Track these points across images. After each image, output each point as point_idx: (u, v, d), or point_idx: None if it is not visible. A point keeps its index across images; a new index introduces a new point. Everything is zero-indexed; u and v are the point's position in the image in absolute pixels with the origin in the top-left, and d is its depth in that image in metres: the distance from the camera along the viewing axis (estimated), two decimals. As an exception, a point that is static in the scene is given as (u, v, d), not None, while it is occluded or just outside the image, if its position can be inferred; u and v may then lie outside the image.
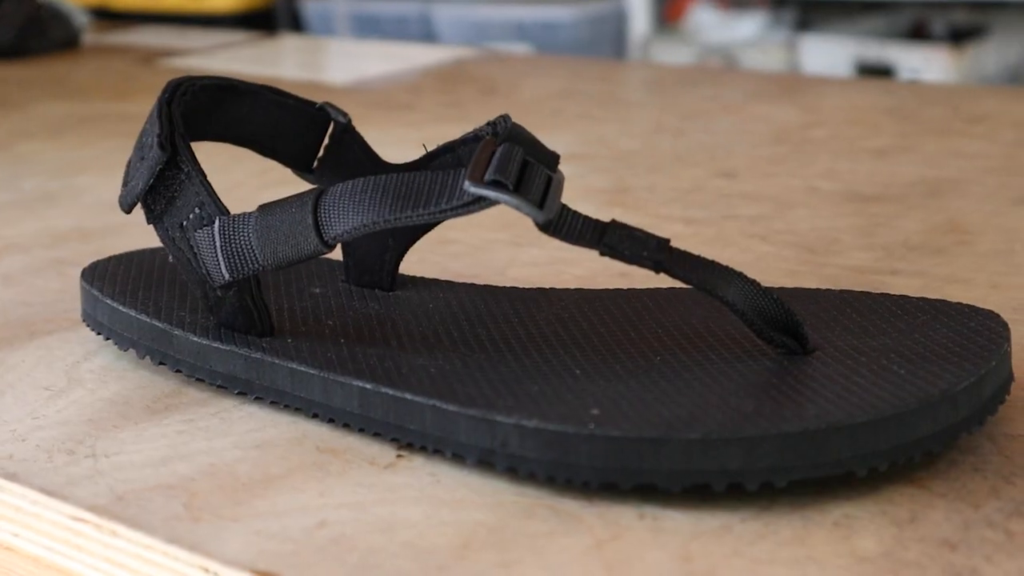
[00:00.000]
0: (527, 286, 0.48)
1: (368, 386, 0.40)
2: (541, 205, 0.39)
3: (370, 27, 2.80)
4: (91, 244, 0.62)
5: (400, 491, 0.37)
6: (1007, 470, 0.36)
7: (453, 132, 0.83)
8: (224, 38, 1.30)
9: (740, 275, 0.40)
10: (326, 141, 0.50)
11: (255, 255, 0.42)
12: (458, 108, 0.89)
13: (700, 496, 0.35)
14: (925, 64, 2.27)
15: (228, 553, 0.34)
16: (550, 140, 0.46)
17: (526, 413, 0.37)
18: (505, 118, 0.42)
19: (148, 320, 0.45)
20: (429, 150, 0.47)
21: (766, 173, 0.69)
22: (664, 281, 0.51)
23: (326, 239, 0.41)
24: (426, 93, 0.93)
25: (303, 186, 0.50)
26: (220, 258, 0.43)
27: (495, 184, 0.38)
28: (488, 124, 0.43)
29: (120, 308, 0.46)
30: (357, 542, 0.35)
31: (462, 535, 0.35)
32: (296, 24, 2.98)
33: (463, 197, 0.39)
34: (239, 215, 0.43)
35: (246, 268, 0.42)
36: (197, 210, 0.43)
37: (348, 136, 0.50)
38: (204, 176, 0.44)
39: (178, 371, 0.45)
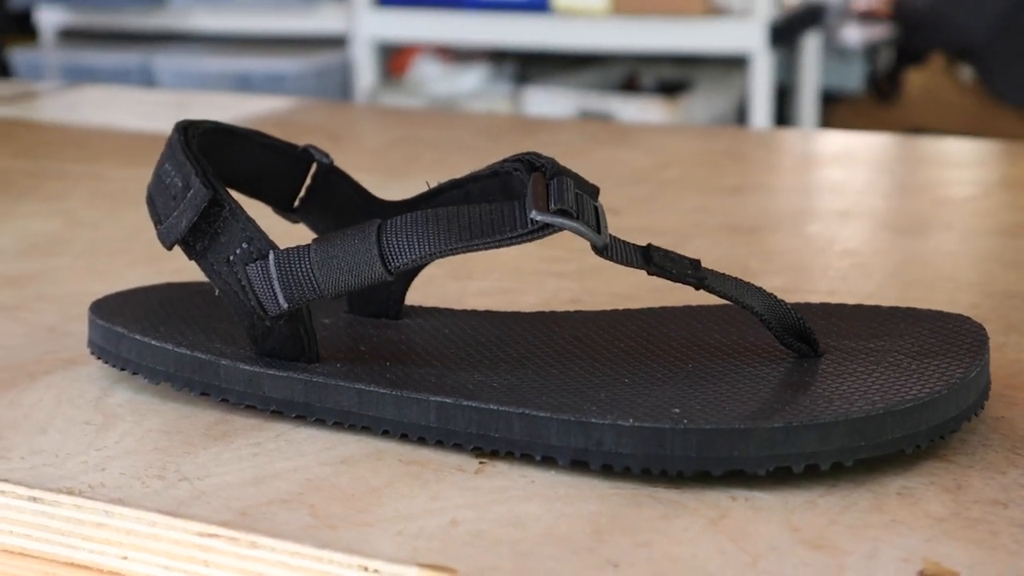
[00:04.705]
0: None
1: (448, 400, 0.43)
2: (597, 231, 0.44)
3: (87, 77, 2.74)
4: (27, 289, 0.62)
5: (505, 492, 0.41)
6: (1008, 444, 0.43)
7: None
8: (16, 88, 1.27)
9: (761, 289, 0.46)
10: (308, 181, 0.53)
11: (315, 285, 0.45)
12: (314, 154, 0.91)
13: (775, 478, 0.41)
14: (642, 114, 2.43)
15: (385, 552, 0.37)
16: (418, 185, 0.51)
17: (620, 414, 0.41)
18: (536, 155, 0.47)
19: (190, 353, 0.47)
20: (431, 187, 0.51)
21: (647, 210, 0.75)
22: (613, 304, 0.56)
23: (390, 268, 0.44)
24: (273, 140, 0.95)
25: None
26: (277, 289, 0.45)
27: (561, 212, 0.43)
28: (513, 160, 0.47)
29: (153, 343, 0.48)
30: (497, 536, 0.38)
31: (589, 524, 0.39)
32: (3, 71, 2.88)
33: (529, 225, 0.43)
34: (295, 248, 0.45)
35: (304, 297, 0.45)
36: (245, 245, 0.46)
37: (335, 176, 0.53)
38: (245, 212, 0.46)
39: (223, 400, 0.47)
